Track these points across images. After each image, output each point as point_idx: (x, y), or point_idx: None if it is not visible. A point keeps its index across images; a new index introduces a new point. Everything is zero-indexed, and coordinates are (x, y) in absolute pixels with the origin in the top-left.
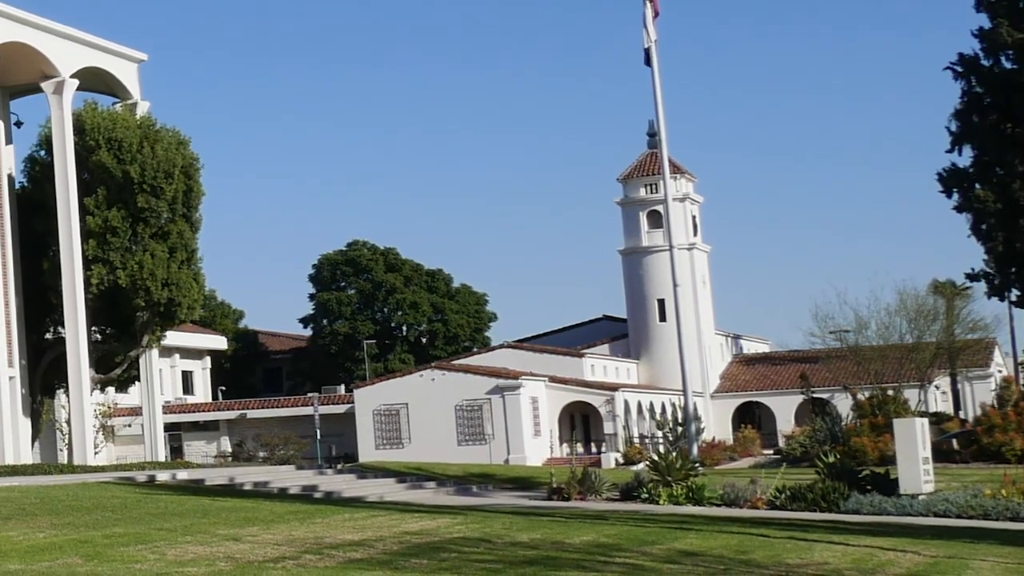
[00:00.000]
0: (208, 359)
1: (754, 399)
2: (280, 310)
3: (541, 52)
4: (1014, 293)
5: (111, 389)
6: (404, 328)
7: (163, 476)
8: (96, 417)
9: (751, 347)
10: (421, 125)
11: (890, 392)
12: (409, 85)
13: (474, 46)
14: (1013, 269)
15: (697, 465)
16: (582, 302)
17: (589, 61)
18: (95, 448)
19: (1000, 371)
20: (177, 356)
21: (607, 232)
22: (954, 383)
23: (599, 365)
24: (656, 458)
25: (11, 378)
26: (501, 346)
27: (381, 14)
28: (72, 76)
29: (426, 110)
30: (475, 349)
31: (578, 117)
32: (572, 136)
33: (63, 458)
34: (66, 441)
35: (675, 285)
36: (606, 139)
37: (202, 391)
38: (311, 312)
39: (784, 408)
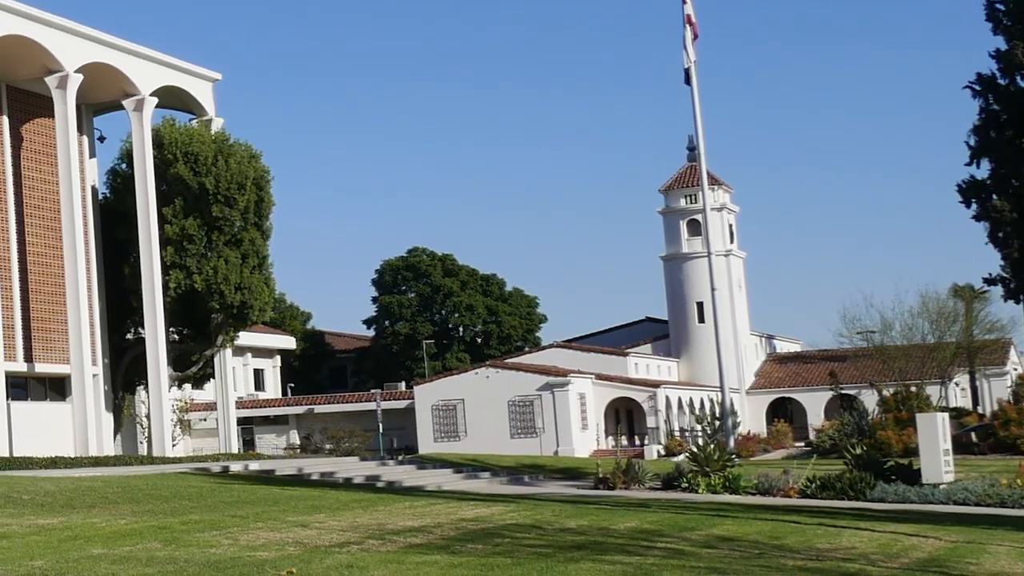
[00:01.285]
0: (278, 358)
1: (786, 395)
2: (345, 312)
3: (589, 73)
4: None
5: (188, 386)
6: (460, 329)
7: (236, 467)
8: (174, 412)
9: (783, 347)
10: (477, 140)
11: (913, 389)
12: (466, 103)
13: (528, 67)
14: None
15: (733, 456)
16: (626, 305)
17: (633, 81)
18: (173, 441)
19: (1016, 369)
20: (249, 355)
21: (649, 239)
22: (972, 380)
23: (642, 363)
24: (695, 450)
25: (95, 376)
26: (551, 346)
27: (442, 38)
28: (151, 94)
29: (482, 126)
30: (526, 349)
31: (623, 132)
32: (617, 150)
33: (143, 450)
34: (146, 434)
35: (713, 289)
36: (648, 153)
37: (272, 388)
38: (374, 314)
39: (814, 403)
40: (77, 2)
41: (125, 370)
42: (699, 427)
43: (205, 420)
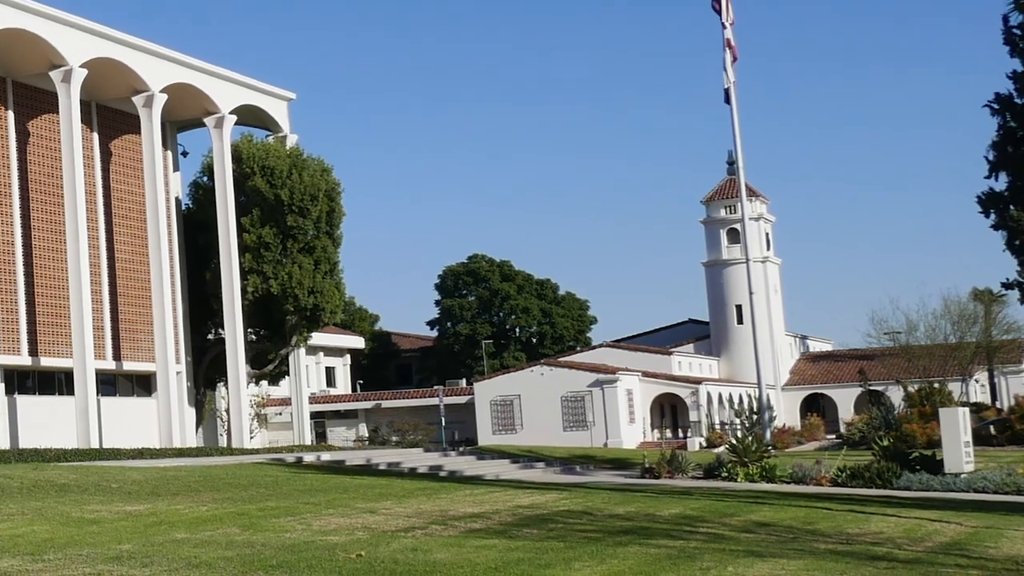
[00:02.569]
0: (348, 356)
1: (819, 391)
2: (410, 314)
3: (636, 92)
4: None
5: (264, 382)
6: (517, 330)
7: (309, 458)
8: (251, 407)
9: (816, 346)
10: (533, 154)
11: (936, 385)
12: (523, 121)
13: (579, 88)
14: None
15: (769, 448)
16: (670, 307)
17: (677, 100)
18: (250, 433)
19: None
20: (321, 354)
21: (692, 246)
22: (991, 377)
23: (685, 362)
24: (734, 442)
25: (178, 373)
26: (600, 345)
27: (500, 61)
28: (231, 113)
29: (538, 142)
30: (578, 348)
31: (667, 147)
32: (662, 163)
33: (223, 442)
34: (225, 427)
35: (751, 293)
36: (691, 166)
37: (343, 384)
38: (437, 316)
39: (845, 399)
40: (163, 26)
41: (206, 368)
42: (738, 421)
43: (280, 414)
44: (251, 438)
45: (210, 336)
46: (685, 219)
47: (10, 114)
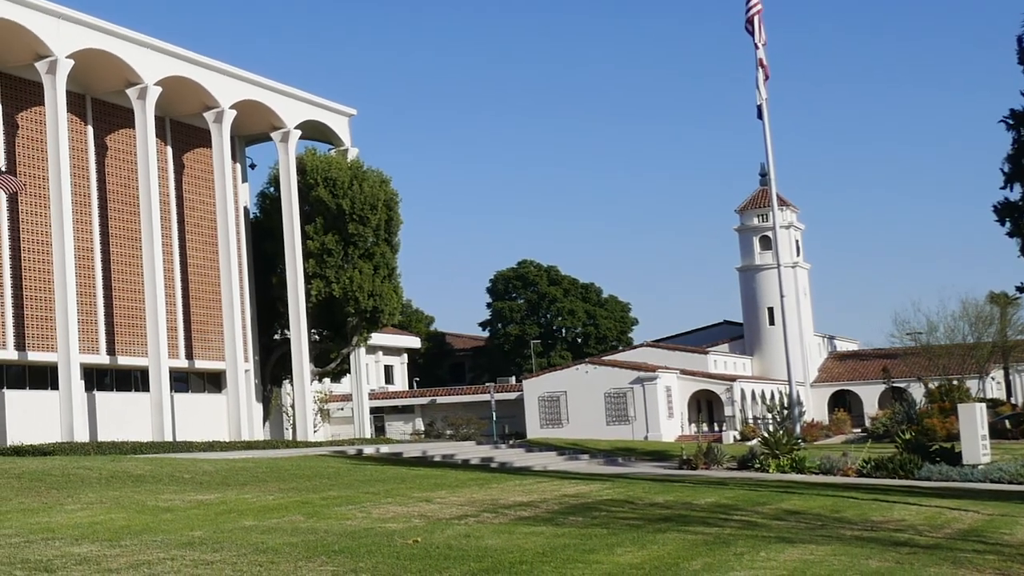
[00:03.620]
0: (405, 355)
1: (845, 388)
2: (463, 316)
3: (675, 110)
4: None
5: (327, 380)
6: (563, 331)
7: (369, 450)
8: (315, 402)
9: (843, 345)
10: (578, 167)
11: (955, 382)
12: (569, 135)
13: (621, 105)
14: None
15: (799, 441)
16: (706, 309)
17: (712, 116)
18: (314, 427)
19: None
20: (380, 353)
21: (727, 252)
22: (1007, 375)
23: (720, 360)
24: (766, 435)
25: (246, 371)
26: (641, 345)
27: (547, 79)
28: (296, 128)
29: (582, 155)
30: (620, 348)
31: (704, 160)
32: (698, 175)
33: (288, 435)
34: (290, 422)
35: (782, 296)
36: (725, 177)
37: (400, 381)
38: (488, 318)
39: (870, 395)
40: (230, 45)
41: (273, 366)
42: (770, 415)
43: (342, 409)
44: (314, 432)
45: (276, 336)
46: (720, 227)
47: (89, 129)
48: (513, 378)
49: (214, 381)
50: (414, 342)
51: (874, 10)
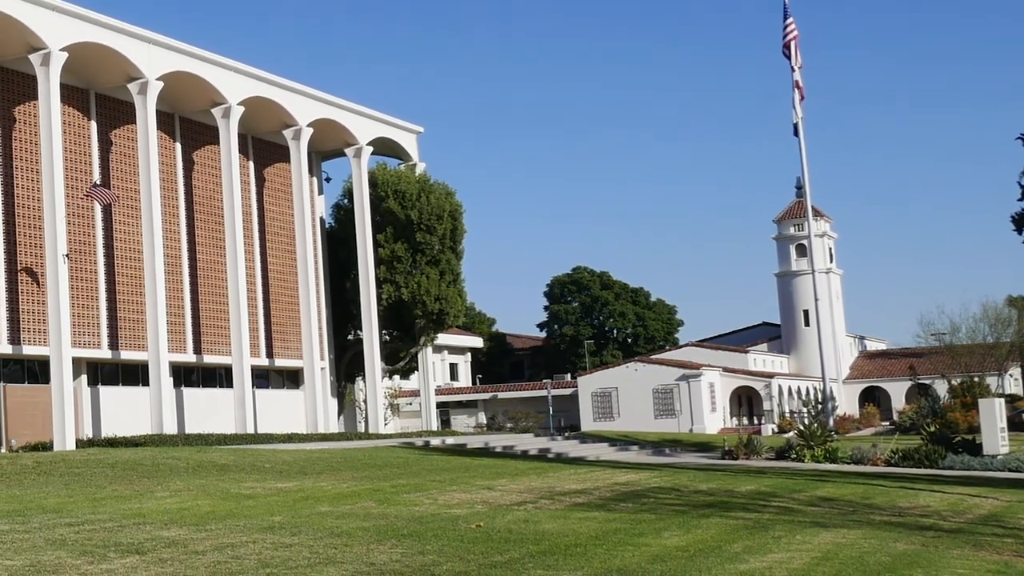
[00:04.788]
0: (469, 354)
1: (874, 384)
2: (522, 318)
3: (718, 126)
4: None
5: (397, 377)
6: (614, 331)
7: (435, 442)
8: (385, 397)
9: (872, 345)
10: (629, 180)
11: (976, 379)
12: (621, 151)
13: (667, 121)
14: None
15: (832, 433)
16: (746, 311)
17: (752, 133)
18: (385, 421)
19: None
20: (446, 352)
21: (765, 259)
22: None
23: (759, 359)
24: (802, 428)
25: (322, 368)
26: (687, 345)
27: (600, 96)
28: (368, 144)
29: (633, 169)
30: (667, 347)
31: (744, 173)
32: (739, 187)
33: (361, 428)
34: (363, 415)
35: (816, 300)
36: (764, 189)
37: (464, 378)
38: (545, 319)
39: (897, 391)
40: (308, 67)
41: (347, 364)
42: (805, 410)
43: (411, 404)
44: (385, 425)
45: (350, 337)
46: (760, 236)
47: (178, 145)
48: (568, 375)
49: (292, 378)
50: (477, 342)
51: (901, 37)
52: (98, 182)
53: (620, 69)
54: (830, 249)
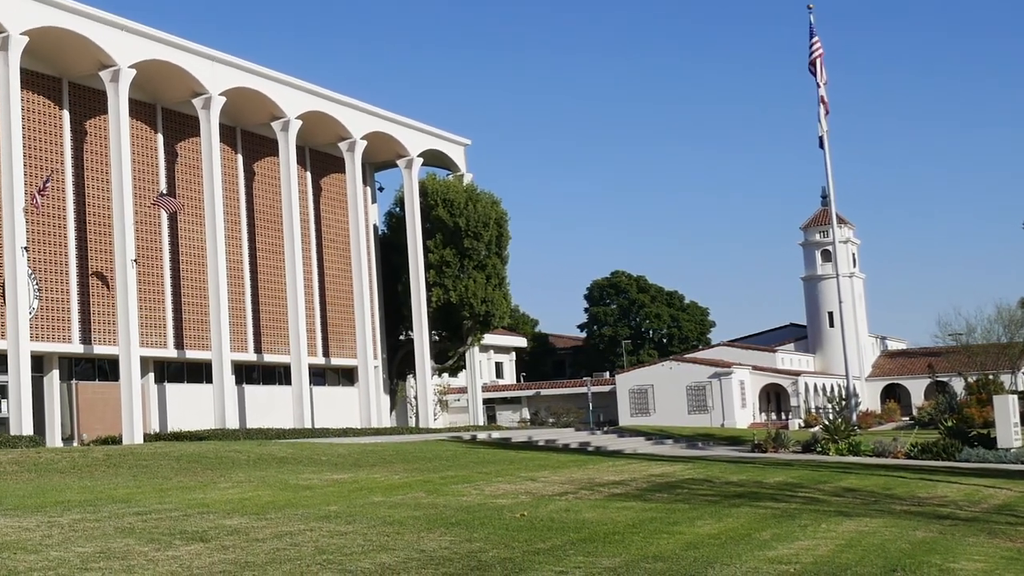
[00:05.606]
0: (513, 353)
1: (895, 381)
2: (564, 319)
3: (748, 138)
4: None
5: (445, 374)
6: (650, 332)
7: (482, 436)
8: (435, 394)
9: (893, 345)
10: (664, 189)
11: (990, 377)
12: (656, 161)
13: (698, 133)
14: None
15: (855, 428)
16: (775, 313)
17: (780, 145)
18: (434, 416)
19: None
20: (492, 351)
21: (792, 264)
22: None
23: (787, 358)
24: (827, 423)
25: (375, 367)
26: (718, 345)
27: (632, 111)
28: (418, 156)
29: (668, 178)
30: (700, 347)
31: (772, 182)
32: (767, 195)
33: (411, 423)
34: (414, 411)
35: (840, 302)
36: (791, 198)
37: (509, 376)
38: (585, 321)
39: (916, 388)
40: (360, 82)
41: (398, 363)
42: (830, 406)
43: (458, 400)
44: (434, 420)
45: (401, 337)
46: (787, 242)
47: (239, 157)
48: (607, 373)
49: (347, 376)
50: (521, 342)
51: (917, 55)
52: (164, 191)
53: (656, 86)
54: (853, 254)
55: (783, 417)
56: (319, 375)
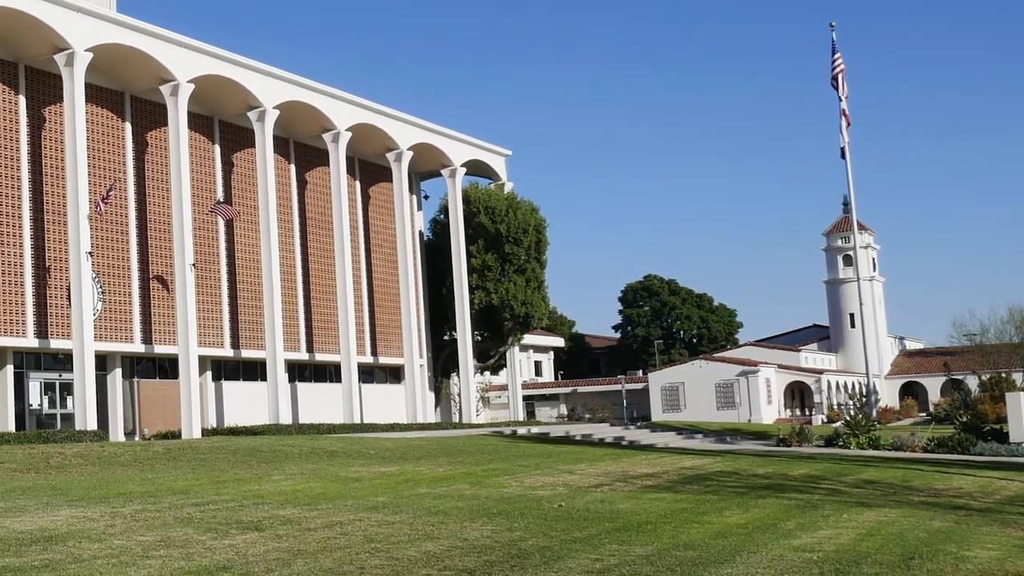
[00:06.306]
0: (551, 353)
1: (913, 379)
2: (599, 320)
3: (774, 148)
4: None
5: (487, 372)
6: (681, 332)
7: (522, 431)
8: (477, 391)
9: (911, 344)
10: (695, 196)
11: (1003, 375)
12: (688, 169)
13: (725, 145)
14: None
15: (875, 423)
16: (799, 314)
17: (804, 155)
18: (476, 412)
19: None
20: (531, 351)
21: (815, 268)
22: None
23: (810, 357)
24: (848, 419)
25: (421, 366)
26: (745, 344)
27: (664, 122)
28: (461, 165)
29: (699, 186)
30: (728, 346)
31: (796, 191)
32: (792, 202)
33: (455, 418)
34: (457, 407)
35: (861, 304)
36: (814, 205)
37: (548, 374)
38: (619, 322)
39: (933, 385)
40: (408, 95)
41: (443, 361)
42: (851, 402)
43: (500, 397)
44: (477, 415)
45: (445, 337)
46: (810, 247)
47: (292, 167)
48: (640, 371)
49: (394, 374)
50: (559, 342)
51: (935, 71)
52: (221, 199)
53: (689, 100)
54: (873, 259)
55: (807, 413)
56: (367, 373)
